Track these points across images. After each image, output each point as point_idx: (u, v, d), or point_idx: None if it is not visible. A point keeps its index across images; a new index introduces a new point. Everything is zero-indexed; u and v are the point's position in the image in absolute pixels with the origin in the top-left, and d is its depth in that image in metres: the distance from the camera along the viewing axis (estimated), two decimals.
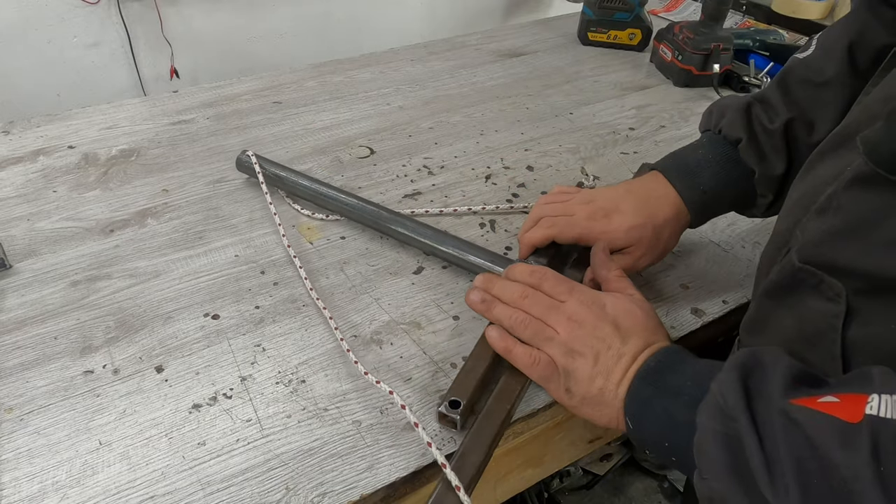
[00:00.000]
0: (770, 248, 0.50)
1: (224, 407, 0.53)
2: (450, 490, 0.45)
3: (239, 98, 1.02)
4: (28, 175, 0.81)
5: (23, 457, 0.49)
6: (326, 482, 0.47)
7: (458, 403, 0.50)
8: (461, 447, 0.48)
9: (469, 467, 0.46)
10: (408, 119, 0.97)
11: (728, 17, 1.26)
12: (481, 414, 0.50)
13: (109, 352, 0.57)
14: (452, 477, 0.45)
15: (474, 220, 0.75)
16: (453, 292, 0.65)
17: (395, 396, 0.52)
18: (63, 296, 0.63)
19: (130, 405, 0.52)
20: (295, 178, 0.75)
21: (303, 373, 0.56)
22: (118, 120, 0.94)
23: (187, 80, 1.98)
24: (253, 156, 0.77)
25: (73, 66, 1.83)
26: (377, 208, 0.71)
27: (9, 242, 0.69)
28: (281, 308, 0.62)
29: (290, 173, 0.76)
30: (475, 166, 0.86)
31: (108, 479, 0.47)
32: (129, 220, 0.74)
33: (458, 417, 0.50)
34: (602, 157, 0.89)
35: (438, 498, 0.45)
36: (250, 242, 0.71)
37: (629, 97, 1.06)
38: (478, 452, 0.47)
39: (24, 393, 0.53)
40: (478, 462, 0.47)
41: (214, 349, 0.58)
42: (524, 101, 1.03)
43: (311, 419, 0.52)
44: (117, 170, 0.83)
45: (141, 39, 1.88)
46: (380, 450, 0.50)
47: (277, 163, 0.78)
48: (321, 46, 2.16)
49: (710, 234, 0.74)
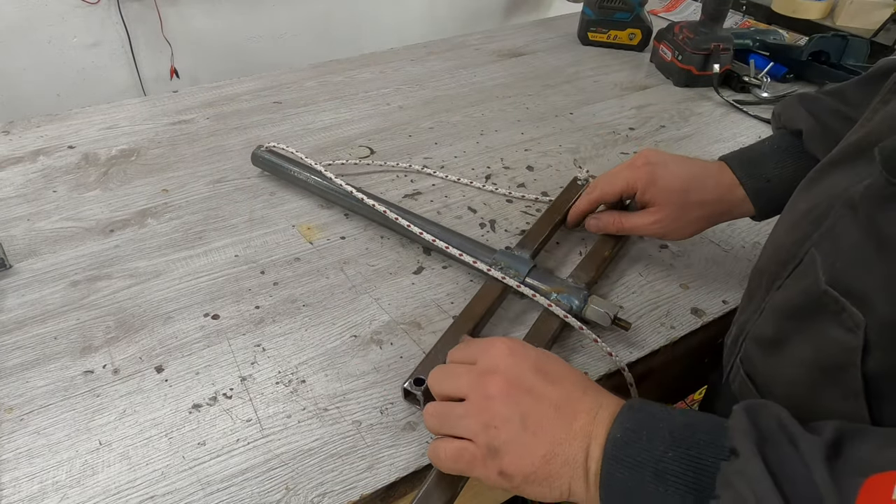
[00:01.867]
0: (771, 262, 0.46)
1: (224, 407, 0.53)
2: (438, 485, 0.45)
3: (239, 98, 1.02)
4: (28, 175, 0.81)
5: (23, 457, 0.48)
6: (326, 482, 0.47)
7: (422, 381, 0.51)
8: None
9: None
10: (408, 119, 0.97)
11: (728, 17, 1.26)
12: None
13: (109, 352, 0.57)
14: None
15: (474, 220, 0.75)
16: (453, 292, 0.65)
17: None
18: (63, 296, 0.63)
19: (130, 405, 0.53)
20: (309, 173, 0.76)
21: (303, 373, 0.56)
22: (118, 120, 0.94)
23: (187, 80, 1.98)
24: (269, 148, 0.79)
25: (73, 66, 1.83)
26: (388, 205, 0.71)
27: (9, 242, 0.69)
28: (281, 308, 0.62)
29: (304, 167, 0.77)
30: (475, 166, 0.86)
31: (108, 479, 0.47)
32: (129, 220, 0.74)
33: (421, 394, 0.51)
34: (602, 157, 0.89)
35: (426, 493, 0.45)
36: (250, 242, 0.71)
37: (629, 97, 1.06)
38: None
39: (24, 393, 0.53)
40: None
41: (214, 349, 0.58)
42: (524, 101, 1.03)
43: (311, 419, 0.52)
44: (117, 170, 0.83)
45: (141, 39, 1.89)
46: (380, 450, 0.50)
47: (292, 157, 0.79)
48: (321, 46, 2.16)
49: (710, 234, 0.74)
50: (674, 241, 0.66)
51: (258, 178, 0.82)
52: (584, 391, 0.41)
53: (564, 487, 0.39)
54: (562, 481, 0.38)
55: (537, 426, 0.39)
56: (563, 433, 0.39)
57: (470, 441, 0.41)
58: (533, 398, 0.40)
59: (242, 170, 0.83)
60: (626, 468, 0.36)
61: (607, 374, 0.57)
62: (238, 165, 0.84)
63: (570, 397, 0.40)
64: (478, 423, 0.40)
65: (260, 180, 0.81)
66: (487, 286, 0.62)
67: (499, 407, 0.40)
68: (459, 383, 0.43)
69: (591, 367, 0.57)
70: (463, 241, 0.66)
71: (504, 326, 0.61)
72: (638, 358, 0.59)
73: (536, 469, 0.39)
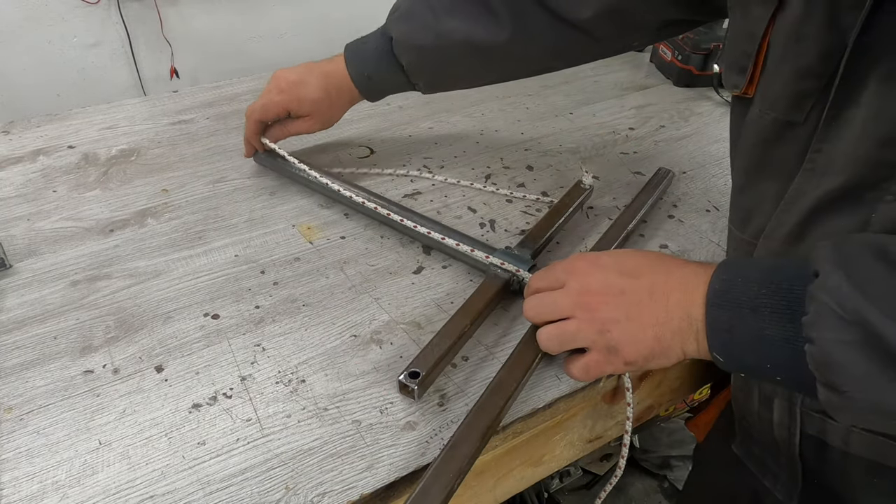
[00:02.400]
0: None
1: (224, 407, 0.53)
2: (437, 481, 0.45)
3: (239, 98, 1.02)
4: (28, 175, 0.81)
5: (23, 456, 0.49)
6: (326, 482, 0.47)
7: (417, 374, 0.52)
8: (452, 439, 0.48)
9: (460, 459, 0.46)
10: (408, 119, 0.97)
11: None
12: (475, 406, 0.50)
13: (109, 351, 0.57)
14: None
15: (474, 220, 0.75)
16: (453, 292, 0.65)
17: None
18: (63, 296, 0.63)
19: (130, 405, 0.53)
20: (311, 171, 0.76)
21: (303, 373, 0.56)
22: (118, 120, 0.94)
23: (187, 80, 1.98)
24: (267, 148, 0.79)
25: (73, 66, 1.83)
26: (389, 203, 0.71)
27: (9, 242, 0.69)
28: (281, 308, 0.62)
29: (308, 166, 0.77)
30: (475, 166, 0.86)
31: (107, 478, 0.47)
32: (129, 219, 0.74)
33: (416, 387, 0.51)
34: (602, 157, 0.89)
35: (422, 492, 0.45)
36: (250, 242, 0.71)
37: (629, 97, 1.06)
38: (469, 444, 0.47)
39: (23, 393, 0.53)
40: (469, 453, 0.47)
41: (214, 349, 0.58)
42: (524, 101, 1.03)
43: (311, 419, 0.52)
44: (117, 170, 0.83)
45: (141, 39, 1.89)
46: (380, 449, 0.50)
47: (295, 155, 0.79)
48: (321, 46, 2.16)
49: (711, 234, 0.74)
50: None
51: (258, 178, 0.82)
52: (667, 273, 0.47)
53: (679, 352, 0.46)
54: (675, 350, 0.46)
55: (639, 316, 0.46)
56: (662, 313, 0.46)
57: (590, 351, 0.49)
58: (627, 296, 0.47)
59: (242, 170, 0.83)
60: (727, 310, 0.42)
61: (608, 374, 0.57)
62: (238, 165, 0.84)
63: (656, 282, 0.47)
64: (591, 332, 0.48)
65: (260, 180, 0.81)
66: (487, 283, 0.62)
67: (603, 313, 0.47)
68: (561, 306, 0.50)
69: None
70: (463, 239, 0.66)
71: (504, 325, 0.61)
72: None
73: (652, 349, 0.46)
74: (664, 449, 1.51)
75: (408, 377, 0.52)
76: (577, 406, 0.58)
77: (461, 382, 0.55)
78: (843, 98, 0.42)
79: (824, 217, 0.44)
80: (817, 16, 0.42)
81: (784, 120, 0.47)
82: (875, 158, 0.41)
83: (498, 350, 0.58)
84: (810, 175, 0.46)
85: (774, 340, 0.40)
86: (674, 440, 1.51)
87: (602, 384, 0.57)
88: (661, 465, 1.51)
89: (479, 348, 0.59)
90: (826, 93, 0.43)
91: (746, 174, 0.54)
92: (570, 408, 0.57)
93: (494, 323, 0.61)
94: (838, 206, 0.44)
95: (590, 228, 0.75)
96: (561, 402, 0.55)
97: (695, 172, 0.85)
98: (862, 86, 0.41)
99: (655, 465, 1.51)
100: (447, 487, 0.45)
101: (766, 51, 0.48)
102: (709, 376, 0.73)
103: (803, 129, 0.46)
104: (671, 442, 1.51)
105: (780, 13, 0.46)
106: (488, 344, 0.59)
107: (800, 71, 0.45)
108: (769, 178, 0.51)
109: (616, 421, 0.66)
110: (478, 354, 0.58)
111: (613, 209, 0.78)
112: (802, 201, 0.46)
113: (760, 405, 0.55)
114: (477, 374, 0.56)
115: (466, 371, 0.56)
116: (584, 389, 0.56)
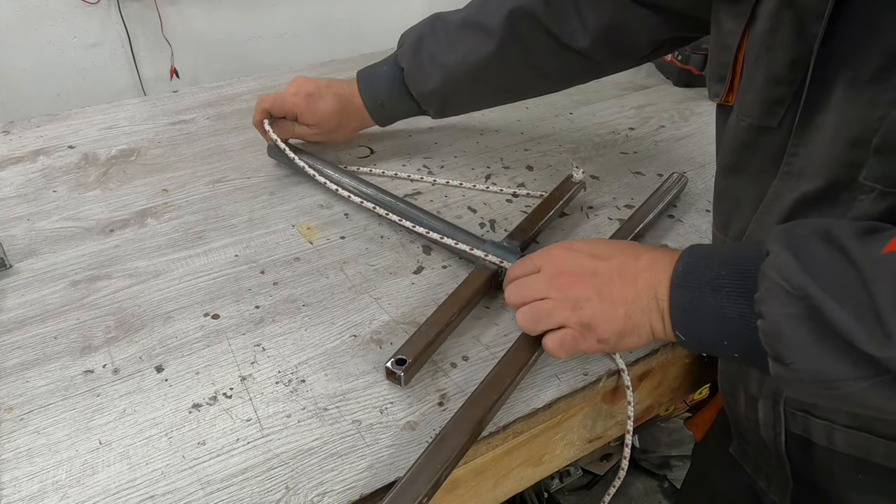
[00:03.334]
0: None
1: (224, 406, 0.53)
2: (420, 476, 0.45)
3: (239, 98, 1.02)
4: (28, 175, 0.81)
5: (23, 456, 0.49)
6: (326, 482, 0.47)
7: (403, 361, 0.53)
8: (442, 431, 0.48)
9: (448, 450, 0.47)
10: (408, 119, 0.97)
11: None
12: (467, 400, 0.51)
13: (109, 351, 0.57)
14: None
15: (474, 220, 0.75)
16: None
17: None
18: (63, 296, 0.63)
19: (130, 405, 0.53)
20: (321, 166, 0.77)
21: (302, 373, 0.56)
22: (118, 120, 0.94)
23: (187, 80, 1.98)
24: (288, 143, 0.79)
25: (73, 66, 1.83)
26: (395, 199, 0.72)
27: (9, 242, 0.69)
28: (281, 308, 0.62)
29: (317, 160, 0.78)
30: (475, 166, 0.86)
31: (108, 478, 0.47)
32: (129, 220, 0.74)
33: (402, 374, 0.52)
34: (602, 157, 0.89)
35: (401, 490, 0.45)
36: (250, 242, 0.71)
37: (629, 97, 1.06)
38: (459, 436, 0.48)
39: (24, 393, 0.53)
40: (459, 444, 0.47)
41: (214, 349, 0.58)
42: (524, 102, 1.03)
43: (311, 419, 0.52)
44: (117, 170, 0.83)
45: (141, 39, 1.89)
46: (379, 449, 0.50)
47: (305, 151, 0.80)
48: (321, 46, 2.16)
49: (710, 234, 0.74)
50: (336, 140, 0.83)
51: (258, 178, 0.82)
52: (636, 257, 0.50)
53: (648, 330, 0.48)
54: (645, 328, 0.48)
55: (610, 295, 0.49)
56: (631, 292, 0.48)
57: (565, 327, 0.51)
58: (598, 276, 0.50)
59: (242, 170, 0.83)
60: (689, 291, 0.45)
61: (607, 374, 0.57)
62: (238, 165, 0.84)
63: (626, 263, 0.50)
64: (565, 310, 0.50)
65: (260, 180, 0.81)
66: (475, 273, 0.63)
67: (576, 292, 0.50)
68: (537, 288, 0.52)
69: (589, 366, 0.57)
70: (448, 229, 0.68)
71: (504, 325, 0.61)
72: (638, 358, 0.59)
73: (623, 326, 0.49)
74: (664, 449, 1.51)
75: (394, 364, 0.53)
76: (577, 406, 0.58)
77: (461, 382, 0.55)
78: (814, 103, 0.44)
79: (802, 218, 0.46)
80: (785, 26, 0.45)
81: (759, 125, 0.50)
82: (847, 160, 0.42)
83: (498, 349, 0.58)
84: (787, 178, 0.48)
85: (731, 317, 0.42)
86: (674, 440, 1.51)
87: (602, 384, 0.57)
88: (661, 465, 1.51)
89: (480, 348, 0.59)
90: (797, 99, 0.46)
91: (726, 178, 0.57)
92: (570, 408, 0.57)
93: (495, 322, 0.61)
94: (815, 207, 0.46)
95: (590, 228, 0.75)
96: (561, 402, 0.55)
97: (695, 172, 0.85)
98: (830, 91, 0.43)
99: (655, 465, 1.51)
100: (434, 477, 0.45)
101: (742, 61, 0.51)
102: (708, 376, 0.73)
103: (778, 134, 0.48)
104: (671, 442, 1.51)
105: (752, 26, 0.49)
106: (488, 343, 0.59)
107: (771, 78, 0.47)
108: (748, 182, 0.53)
109: (616, 421, 0.66)
110: (478, 354, 0.58)
111: (613, 209, 0.78)
112: (781, 204, 0.48)
113: (746, 406, 0.56)
114: (477, 374, 0.56)
115: (466, 371, 0.56)
116: (584, 389, 0.56)
